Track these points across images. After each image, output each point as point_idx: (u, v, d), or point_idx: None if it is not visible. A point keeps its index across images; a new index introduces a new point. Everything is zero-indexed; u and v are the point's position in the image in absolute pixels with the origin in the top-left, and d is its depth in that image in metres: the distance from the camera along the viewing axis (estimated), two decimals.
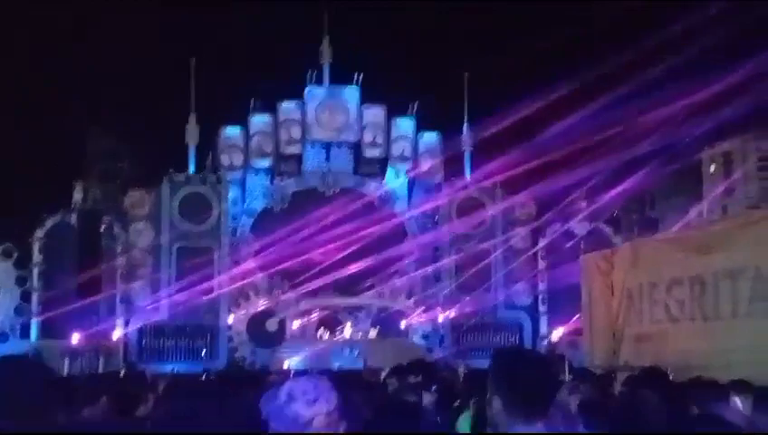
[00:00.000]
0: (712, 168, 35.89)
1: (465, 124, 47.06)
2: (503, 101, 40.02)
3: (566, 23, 35.41)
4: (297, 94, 46.53)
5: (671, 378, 10.46)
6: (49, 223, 42.35)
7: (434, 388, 7.29)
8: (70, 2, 45.57)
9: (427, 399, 7.18)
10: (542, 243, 44.08)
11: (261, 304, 44.43)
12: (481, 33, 45.02)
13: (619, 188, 36.97)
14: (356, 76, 46.46)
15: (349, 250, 45.26)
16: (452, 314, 43.80)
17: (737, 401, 7.65)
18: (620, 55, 32.85)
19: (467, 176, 46.89)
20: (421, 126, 47.22)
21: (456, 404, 8.07)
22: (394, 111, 47.04)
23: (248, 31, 46.12)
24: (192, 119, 45.18)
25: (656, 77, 32.48)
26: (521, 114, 37.88)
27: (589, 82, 33.79)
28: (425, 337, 44.49)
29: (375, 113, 46.92)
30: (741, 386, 8.17)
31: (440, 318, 44.26)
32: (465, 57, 44.39)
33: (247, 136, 46.02)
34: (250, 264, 44.87)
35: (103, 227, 42.30)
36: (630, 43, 32.88)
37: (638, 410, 5.18)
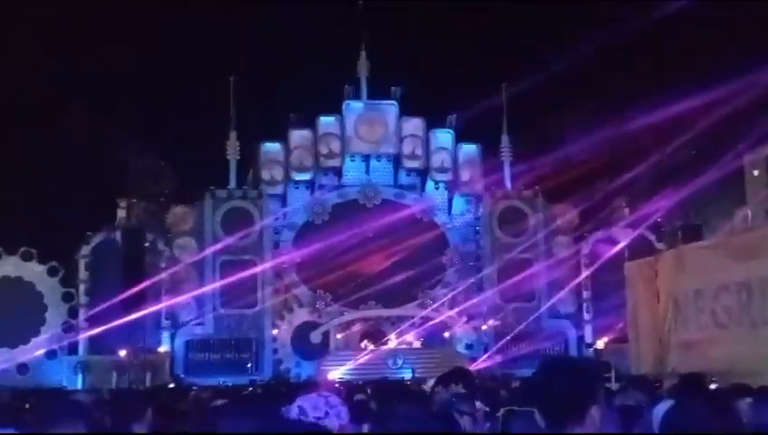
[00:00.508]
0: (755, 172, 35.56)
1: (505, 135, 47.08)
2: (541, 111, 40.03)
3: (604, 30, 35.30)
4: (336, 109, 46.86)
5: (716, 385, 10.48)
6: (94, 241, 42.91)
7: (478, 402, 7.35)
8: (116, 29, 46.31)
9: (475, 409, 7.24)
10: (584, 251, 43.89)
11: (305, 317, 44.64)
12: (519, 44, 45.00)
13: (662, 195, 36.76)
14: (393, 90, 46.67)
15: (391, 261, 45.46)
16: (495, 323, 43.72)
17: None
18: (662, 61, 32.79)
19: (508, 186, 46.88)
20: (460, 137, 47.32)
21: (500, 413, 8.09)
22: (433, 123, 47.21)
23: (286, 47, 46.48)
24: (232, 135, 45.68)
25: (697, 81, 32.31)
26: (560, 123, 37.82)
27: (629, 89, 33.72)
28: (468, 347, 44.42)
29: (414, 125, 47.12)
30: None
31: (484, 327, 44.19)
32: (503, 68, 44.40)
33: (287, 151, 46.39)
34: (293, 276, 45.13)
35: (147, 243, 42.76)
36: (671, 48, 32.80)
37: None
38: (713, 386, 10.18)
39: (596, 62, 37.72)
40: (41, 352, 40.95)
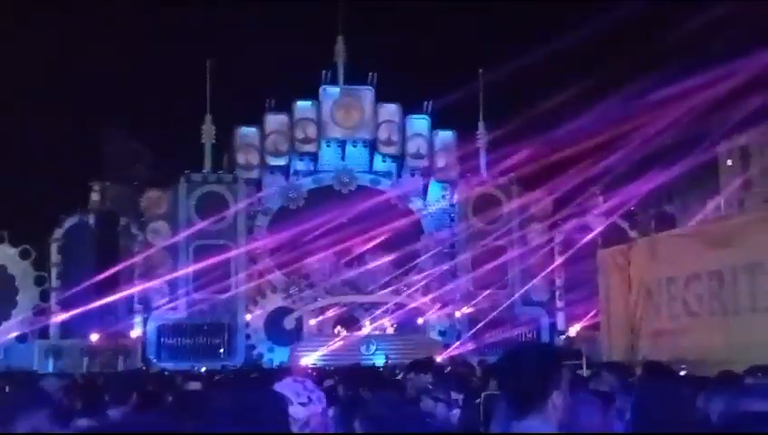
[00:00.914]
0: (729, 162, 35.75)
1: (481, 121, 47.10)
2: (518, 99, 40.01)
3: (581, 19, 35.33)
4: (312, 93, 46.67)
5: (686, 373, 10.49)
6: (67, 224, 42.63)
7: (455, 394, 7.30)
8: (86, 5, 45.84)
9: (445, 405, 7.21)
10: (558, 239, 44.02)
11: (278, 302, 44.57)
12: (495, 30, 45.00)
13: (636, 184, 36.88)
14: (370, 75, 46.56)
15: (365, 248, 45.42)
16: (469, 310, 43.80)
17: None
18: (636, 51, 32.84)
19: (483, 173, 46.91)
20: (436, 124, 47.28)
21: (478, 401, 8.09)
22: (409, 109, 47.13)
23: (263, 31, 46.19)
24: (208, 119, 45.42)
25: (672, 72, 32.40)
26: (536, 111, 37.81)
27: (605, 77, 33.74)
28: (442, 333, 44.53)
29: (390, 111, 47.06)
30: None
31: (457, 314, 44.28)
32: (479, 55, 44.35)
33: (263, 135, 46.19)
34: (267, 262, 45.01)
35: (121, 227, 42.53)
36: (646, 38, 32.86)
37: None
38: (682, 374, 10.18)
39: (572, 50, 37.75)
40: (12, 335, 40.65)
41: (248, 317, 43.93)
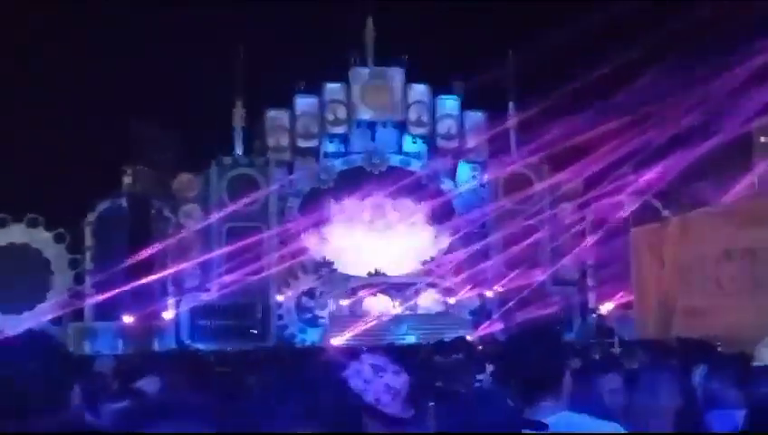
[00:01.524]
0: (762, 139, 35.45)
1: (511, 102, 46.96)
2: (548, 79, 39.81)
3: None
4: (342, 75, 46.71)
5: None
6: (100, 207, 43.03)
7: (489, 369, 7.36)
8: None
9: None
10: (589, 218, 43.84)
11: (310, 283, 44.76)
12: (526, 10, 44.66)
13: (668, 162, 36.66)
14: (400, 56, 46.50)
15: (396, 229, 45.54)
16: (500, 289, 43.76)
17: None
18: (667, 27, 32.56)
19: (513, 153, 46.80)
20: (466, 104, 47.20)
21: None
22: (439, 89, 47.08)
23: (292, 13, 46.21)
24: (239, 103, 45.62)
25: (704, 48, 32.11)
26: (566, 91, 37.63)
27: (636, 55, 33.53)
28: (472, 313, 44.53)
29: (420, 92, 47.05)
30: None
31: (488, 294, 44.27)
32: (509, 35, 44.14)
33: (293, 118, 46.36)
34: (299, 243, 45.19)
35: (153, 210, 42.86)
36: (677, 15, 32.55)
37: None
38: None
39: (604, 28, 37.50)
40: (47, 318, 41.13)
41: (280, 298, 44.17)
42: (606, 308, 39.75)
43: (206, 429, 2.27)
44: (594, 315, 41.53)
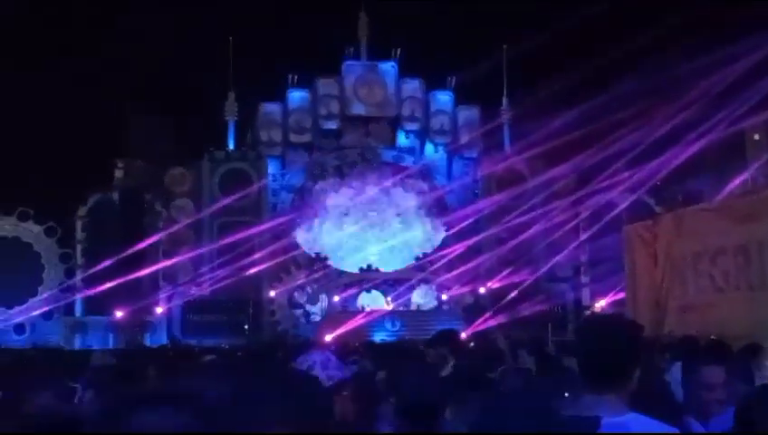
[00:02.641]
0: (756, 136, 35.42)
1: (504, 97, 46.86)
2: (541, 74, 39.74)
3: None
4: (335, 70, 46.56)
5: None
6: (91, 201, 42.84)
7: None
8: None
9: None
10: (583, 214, 43.74)
11: (302, 278, 44.62)
12: (519, 5, 44.60)
13: (662, 159, 36.59)
14: (393, 51, 46.37)
15: (389, 223, 45.42)
16: (493, 286, 43.66)
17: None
18: (661, 24, 32.50)
19: (507, 148, 46.72)
20: (459, 100, 47.09)
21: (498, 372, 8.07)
22: (432, 85, 46.96)
23: (286, 7, 46.07)
24: (231, 96, 45.43)
25: (699, 44, 32.04)
26: (560, 87, 37.55)
27: (629, 51, 33.46)
28: (465, 310, 44.40)
29: (413, 87, 46.92)
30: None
31: (481, 290, 44.16)
32: (503, 30, 44.04)
33: (286, 112, 46.19)
34: (291, 238, 45.04)
35: (145, 204, 42.69)
36: (670, 11, 32.50)
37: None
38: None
39: (597, 24, 37.44)
40: (38, 312, 40.96)
41: (272, 294, 44.01)
42: (599, 305, 39.66)
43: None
44: (588, 312, 41.42)
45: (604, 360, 3.41)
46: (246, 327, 42.67)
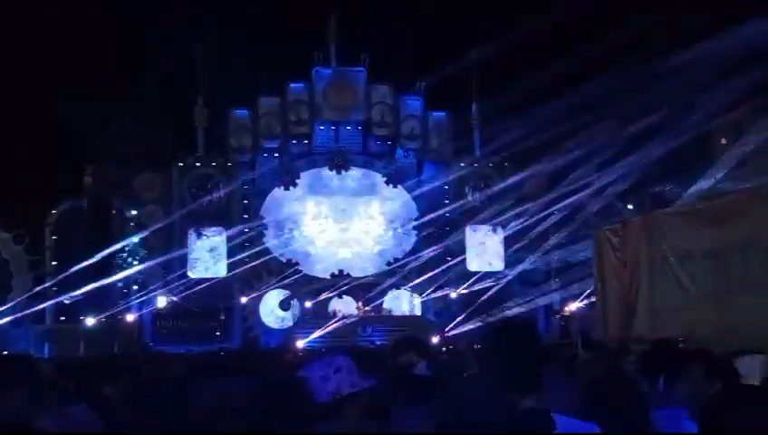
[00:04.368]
0: (723, 140, 35.75)
1: (474, 102, 47.04)
2: (511, 77, 39.88)
3: None
4: (305, 75, 46.54)
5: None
6: (60, 208, 42.55)
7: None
8: None
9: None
10: (552, 218, 43.97)
11: (273, 284, 44.55)
12: (487, 10, 44.72)
13: (630, 162, 36.85)
14: (363, 56, 46.41)
15: (360, 229, 45.45)
16: (464, 290, 43.81)
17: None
18: (630, 26, 32.74)
19: (477, 152, 46.91)
20: (429, 104, 47.21)
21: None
22: (402, 90, 47.04)
23: (255, 12, 45.95)
24: (200, 101, 45.29)
25: (663, 47, 32.32)
26: (529, 90, 37.73)
27: (597, 54, 33.66)
28: (437, 314, 44.55)
29: (383, 93, 46.98)
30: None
31: (452, 295, 44.29)
32: (471, 35, 44.17)
33: (256, 117, 46.12)
34: (261, 244, 44.98)
35: (114, 209, 42.46)
36: (637, 13, 32.76)
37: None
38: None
39: (566, 27, 37.68)
40: (6, 320, 40.62)
41: (244, 300, 43.91)
42: (569, 309, 39.91)
43: None
44: (558, 316, 41.66)
45: (517, 363, 3.46)
46: (218, 334, 42.58)
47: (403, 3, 47.30)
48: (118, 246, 41.70)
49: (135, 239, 42.56)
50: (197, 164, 45.12)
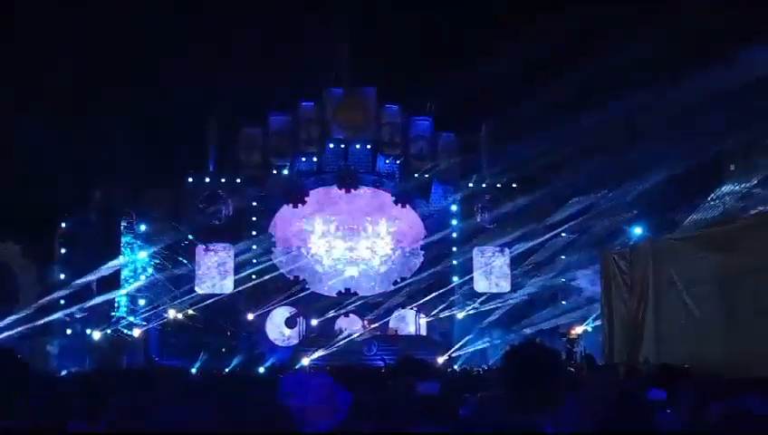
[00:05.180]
0: (732, 166, 35.76)
1: (483, 123, 47.15)
2: (521, 99, 39.99)
3: (579, 17, 35.22)
4: (316, 94, 46.75)
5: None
6: (70, 222, 42.68)
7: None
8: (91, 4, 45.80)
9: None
10: (559, 239, 43.97)
11: (280, 302, 44.62)
12: (497, 32, 44.84)
13: (639, 185, 36.88)
14: (374, 76, 46.60)
15: (368, 248, 45.51)
16: (470, 310, 43.80)
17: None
18: (641, 48, 32.82)
19: (485, 173, 46.97)
20: (439, 125, 47.33)
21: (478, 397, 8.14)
22: (412, 110, 47.19)
23: (268, 32, 46.16)
24: (212, 119, 45.50)
25: (675, 71, 32.39)
26: (539, 110, 37.83)
27: (609, 75, 33.74)
28: (443, 334, 44.53)
29: (392, 113, 47.15)
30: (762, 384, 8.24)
31: (459, 316, 44.28)
32: (482, 56, 44.26)
33: (266, 135, 46.29)
34: (269, 261, 45.08)
35: (124, 224, 42.60)
36: (648, 34, 32.82)
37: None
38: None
39: (577, 49, 37.75)
40: (14, 331, 40.67)
41: (250, 316, 43.98)
42: (575, 331, 39.83)
43: None
44: (564, 339, 41.57)
45: (531, 385, 3.53)
46: (224, 350, 42.61)
47: (413, 23, 47.49)
48: (126, 259, 41.78)
49: (144, 254, 42.64)
50: (207, 180, 45.27)
